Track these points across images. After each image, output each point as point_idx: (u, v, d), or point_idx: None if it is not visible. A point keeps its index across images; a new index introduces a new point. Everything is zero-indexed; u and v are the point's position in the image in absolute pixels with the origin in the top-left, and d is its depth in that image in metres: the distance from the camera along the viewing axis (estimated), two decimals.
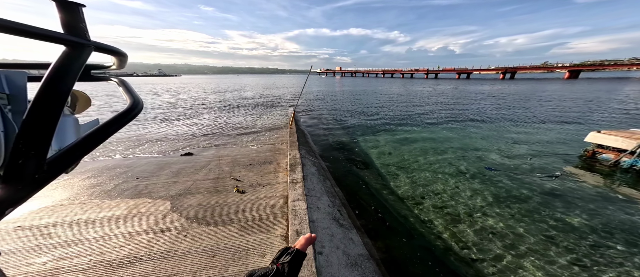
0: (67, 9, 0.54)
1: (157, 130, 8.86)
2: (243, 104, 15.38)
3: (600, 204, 3.62)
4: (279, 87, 36.47)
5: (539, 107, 13.14)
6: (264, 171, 3.90)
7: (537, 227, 3.12)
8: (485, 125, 9.20)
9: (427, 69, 79.96)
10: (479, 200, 3.79)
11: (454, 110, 13.10)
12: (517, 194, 3.95)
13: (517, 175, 4.70)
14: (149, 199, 3.07)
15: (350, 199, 3.77)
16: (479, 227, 3.14)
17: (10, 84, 0.85)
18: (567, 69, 53.58)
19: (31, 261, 1.85)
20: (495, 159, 5.58)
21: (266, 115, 11.44)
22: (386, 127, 9.17)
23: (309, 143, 6.77)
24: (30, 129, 0.45)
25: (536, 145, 6.65)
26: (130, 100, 0.67)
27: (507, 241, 2.89)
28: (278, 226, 2.52)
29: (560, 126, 8.75)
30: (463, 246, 2.83)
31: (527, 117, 10.44)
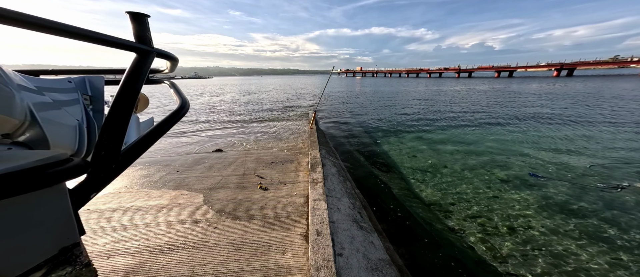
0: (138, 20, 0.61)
1: (195, 127, 9.74)
2: (266, 104, 16.01)
3: None
4: (299, 87, 37.01)
5: (605, 108, 10.99)
6: (285, 169, 4.00)
7: (591, 246, 2.61)
8: (531, 128, 8.06)
9: (458, 67, 71.21)
10: (519, 210, 3.33)
11: (491, 111, 11.74)
12: (569, 206, 3.38)
13: (569, 184, 4.01)
14: (186, 191, 3.39)
15: (371, 202, 3.66)
16: (520, 240, 2.77)
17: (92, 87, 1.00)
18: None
19: (95, 241, 2.19)
20: (544, 165, 4.84)
21: (288, 115, 11.73)
22: (410, 129, 8.66)
23: (329, 143, 6.74)
24: (111, 125, 0.52)
25: (599, 151, 5.59)
26: (179, 101, 0.74)
27: (555, 258, 2.48)
28: (298, 224, 2.56)
29: (628, 130, 7.18)
30: (501, 260, 2.52)
31: (588, 120, 8.85)
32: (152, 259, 1.95)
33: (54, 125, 1.25)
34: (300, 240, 2.33)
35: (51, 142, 1.16)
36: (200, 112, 13.71)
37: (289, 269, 1.95)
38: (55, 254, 1.69)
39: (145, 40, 0.60)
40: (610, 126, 7.46)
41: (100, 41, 0.47)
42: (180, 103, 0.62)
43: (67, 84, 1.55)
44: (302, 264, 2.03)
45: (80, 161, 1.06)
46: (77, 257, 1.83)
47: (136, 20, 0.57)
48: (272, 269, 1.93)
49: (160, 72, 1.05)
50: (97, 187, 0.42)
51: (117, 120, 0.44)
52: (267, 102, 17.17)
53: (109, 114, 0.45)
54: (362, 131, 8.74)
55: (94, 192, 0.43)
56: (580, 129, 7.39)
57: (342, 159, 5.79)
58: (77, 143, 1.25)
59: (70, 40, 0.60)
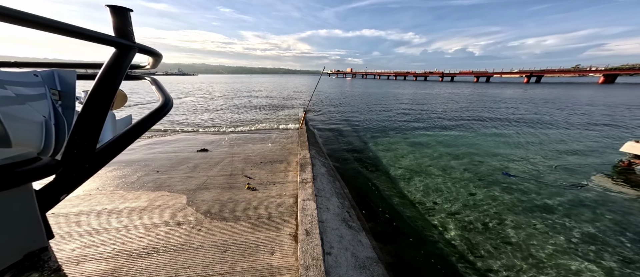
0: (119, 14, 0.57)
1: (178, 126, 9.27)
2: (256, 103, 15.69)
3: (633, 218, 3.27)
4: (290, 87, 36.80)
5: (567, 113, 12.21)
6: (274, 169, 3.94)
7: (557, 239, 2.88)
8: (505, 131, 8.70)
9: (443, 71, 76.22)
10: (495, 207, 3.58)
11: (471, 114, 12.50)
12: (537, 203, 3.69)
13: (537, 183, 4.39)
14: (168, 192, 3.21)
15: (359, 201, 3.72)
16: (495, 236, 2.96)
17: (61, 82, 0.91)
18: (601, 72, 49.12)
19: (62, 247, 1.99)
20: (516, 166, 5.25)
21: (277, 114, 11.59)
22: (398, 130, 8.96)
23: (319, 143, 6.75)
24: (85, 122, 0.47)
25: (562, 152, 6.18)
26: (162, 99, 0.70)
27: (525, 252, 2.70)
28: (287, 224, 2.53)
29: (591, 133, 8.06)
30: (478, 255, 2.68)
31: (553, 124, 9.74)
32: (129, 264, 1.82)
33: (16, 121, 1.12)
34: (289, 240, 2.30)
35: (13, 140, 1.04)
36: (187, 110, 13.10)
37: (277, 269, 1.92)
38: (20, 260, 1.52)
39: (127, 35, 0.57)
40: (570, 129, 8.30)
41: (76, 34, 0.43)
42: (162, 101, 0.58)
43: (33, 77, 1.41)
44: (291, 264, 2.01)
45: (50, 159, 0.96)
46: (45, 263, 1.66)
47: (117, 13, 0.54)
48: (260, 270, 1.88)
49: (142, 68, 0.98)
50: (68, 188, 0.38)
51: (92, 118, 0.41)
52: (256, 101, 16.85)
53: (83, 111, 0.41)
54: (351, 132, 8.88)
55: (64, 194, 0.39)
56: (546, 132, 8.12)
57: (332, 158, 5.83)
58: (44, 141, 1.13)
59: (39, 32, 0.52)
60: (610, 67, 48.42)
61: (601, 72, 49.23)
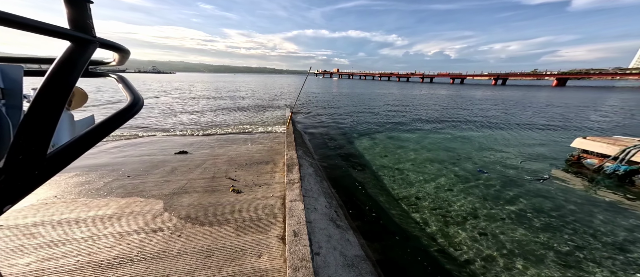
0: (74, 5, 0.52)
1: (153, 127, 8.64)
2: (241, 104, 15.21)
3: (584, 207, 3.75)
4: (277, 87, 36.28)
5: (529, 113, 13.59)
6: (260, 171, 3.85)
7: (525, 228, 3.20)
8: (478, 130, 9.43)
9: (423, 73, 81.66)
10: (470, 202, 3.86)
11: (448, 114, 13.36)
12: (507, 196, 4.05)
13: (507, 177, 4.82)
14: (141, 198, 2.97)
15: (347, 200, 3.77)
16: (470, 228, 3.19)
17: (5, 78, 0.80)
18: (555, 76, 55.70)
19: (13, 261, 1.74)
20: (488, 162, 5.72)
21: (263, 115, 11.35)
22: (383, 130, 9.26)
23: (306, 144, 6.74)
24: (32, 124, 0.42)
25: (526, 148, 6.85)
26: (130, 98, 0.64)
27: (497, 241, 2.94)
28: (275, 226, 2.48)
29: (549, 131, 9.06)
30: (456, 247, 2.86)
31: (517, 123, 10.76)
32: (98, 275, 1.65)
33: None
34: (277, 242, 2.26)
35: None
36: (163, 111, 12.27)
37: (265, 272, 1.87)
38: None
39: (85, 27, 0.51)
40: (533, 128, 9.28)
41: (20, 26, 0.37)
42: (131, 100, 0.52)
43: None
44: (279, 266, 1.97)
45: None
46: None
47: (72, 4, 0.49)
48: (247, 273, 1.82)
49: (106, 64, 0.88)
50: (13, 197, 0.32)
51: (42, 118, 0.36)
52: (241, 101, 16.34)
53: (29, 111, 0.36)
54: (339, 132, 8.98)
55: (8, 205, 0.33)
56: (513, 130, 8.97)
57: (319, 158, 5.84)
58: None
59: None
60: (562, 72, 55.17)
61: (554, 76, 56.06)
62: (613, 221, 3.37)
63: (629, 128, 9.76)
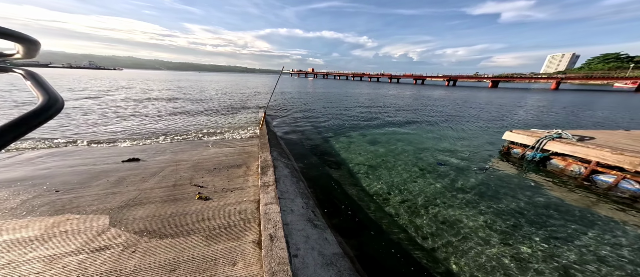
0: None
1: (88, 133, 7.32)
2: (208, 104, 14.01)
3: (515, 190, 4.53)
4: (250, 86, 34.66)
5: (474, 110, 15.92)
6: (232, 175, 3.63)
7: (474, 212, 3.73)
8: (436, 125, 10.61)
9: (391, 74, 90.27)
10: (432, 193, 4.32)
11: (413, 112, 14.71)
12: (459, 185, 4.65)
13: (459, 168, 5.56)
14: (77, 215, 2.50)
15: (324, 200, 3.82)
16: (433, 217, 3.57)
17: None
18: (490, 79, 67.19)
19: None
20: (444, 155, 6.49)
21: (234, 116, 10.70)
22: (356, 128, 9.65)
23: (281, 145, 6.61)
24: None
25: (473, 141, 7.99)
26: (43, 98, 0.51)
27: (455, 227, 3.36)
28: (250, 231, 2.37)
29: (488, 126, 10.73)
30: (423, 236, 3.16)
31: (466, 119, 12.43)
32: None
33: None
34: (252, 248, 2.16)
35: None
36: (103, 114, 10.48)
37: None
38: None
39: None
40: (478, 123, 10.89)
41: None
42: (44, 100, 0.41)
43: None
44: (256, 273, 1.89)
45: None
46: None
47: None
48: None
49: (8, 58, 0.69)
50: None
51: None
52: (210, 102, 15.08)
53: None
54: (314, 131, 9.00)
55: None
56: (464, 126, 10.33)
57: (295, 159, 5.78)
58: None
59: None
60: (494, 76, 67.02)
61: (490, 79, 67.86)
62: (533, 199, 4.18)
63: (543, 121, 12.19)
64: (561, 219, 3.60)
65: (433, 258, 2.82)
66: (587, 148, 4.87)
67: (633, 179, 4.23)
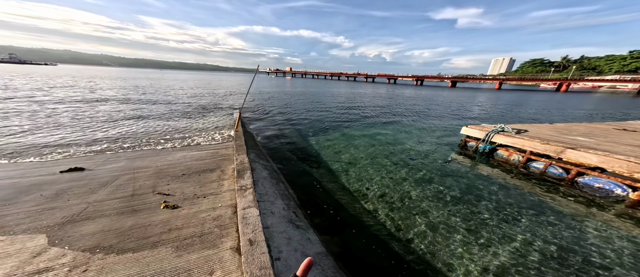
0: None
1: (16, 141, 6.05)
2: (174, 106, 12.68)
3: (471, 178, 5.12)
4: (223, 86, 32.56)
5: (440, 108, 17.61)
6: (204, 180, 3.37)
7: (440, 202, 4.11)
8: (408, 122, 11.45)
9: (366, 73, 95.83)
10: (406, 186, 4.65)
11: (388, 110, 15.64)
12: (428, 177, 5.09)
13: (428, 162, 6.09)
14: (2, 236, 2.04)
15: (305, 200, 3.79)
16: (408, 209, 3.84)
17: None
18: (449, 79, 76.38)
19: None
20: (415, 150, 7.04)
21: (205, 118, 9.93)
22: (336, 127, 9.83)
23: (259, 146, 6.37)
24: None
25: (439, 136, 8.82)
26: None
27: (425, 216, 3.65)
28: (227, 238, 2.24)
29: (451, 122, 11.96)
30: (398, 228, 3.37)
31: (433, 116, 13.60)
32: None
33: None
34: (231, 254, 2.04)
35: None
36: (32, 116, 8.72)
37: None
38: None
39: None
40: (441, 120, 12.06)
41: None
42: None
43: None
44: None
45: None
46: None
47: None
48: None
49: None
50: None
51: None
52: (174, 103, 13.67)
53: None
54: (294, 131, 8.87)
55: None
56: (431, 122, 11.31)
57: (274, 160, 5.63)
58: None
59: None
60: (453, 76, 76.17)
61: (449, 79, 77.17)
62: (487, 185, 4.80)
63: (491, 117, 14.09)
64: (515, 206, 4.19)
65: (409, 249, 3.01)
66: (523, 140, 5.79)
67: (557, 164, 5.17)
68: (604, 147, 4.98)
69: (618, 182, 4.33)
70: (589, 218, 3.74)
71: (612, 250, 3.06)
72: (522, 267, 2.74)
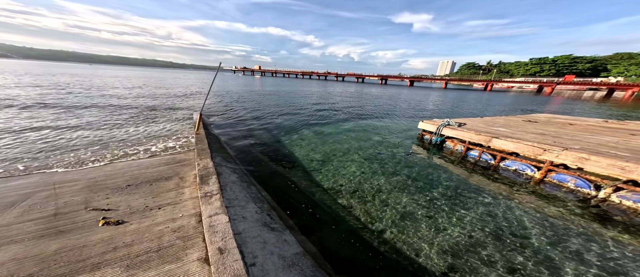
0: None
1: None
2: (110, 108, 10.57)
3: (428, 169, 5.78)
4: (180, 85, 28.84)
5: (404, 105, 19.39)
6: (158, 190, 2.95)
7: (405, 192, 4.52)
8: (375, 119, 12.23)
9: (337, 72, 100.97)
10: (376, 179, 4.96)
11: (358, 108, 16.44)
12: (393, 170, 5.54)
13: (393, 155, 6.61)
14: None
15: (280, 201, 3.68)
16: (378, 201, 4.10)
17: None
18: (408, 79, 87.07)
19: None
20: (383, 145, 7.56)
21: (157, 121, 8.64)
22: (308, 126, 9.83)
23: (226, 149, 5.91)
24: None
25: (401, 130, 9.67)
26: None
27: (393, 207, 3.93)
28: (192, 249, 2.02)
29: (412, 118, 13.29)
30: (372, 221, 3.57)
31: (397, 113, 14.85)
32: None
33: None
34: (198, 266, 1.85)
35: None
36: None
37: None
38: None
39: None
40: (404, 116, 13.26)
41: None
42: None
43: None
44: None
45: None
46: None
47: None
48: None
49: None
50: None
51: None
52: (115, 103, 11.41)
53: None
54: (264, 132, 8.54)
55: None
56: (395, 119, 12.41)
57: (244, 163, 5.29)
58: None
59: None
60: (411, 76, 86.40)
61: (408, 78, 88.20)
62: (440, 174, 5.50)
63: (443, 112, 16.32)
64: (460, 191, 4.88)
65: (383, 239, 3.22)
66: (463, 132, 6.84)
67: (488, 152, 6.27)
68: (517, 135, 6.23)
69: (528, 164, 5.39)
70: (511, 195, 4.60)
71: (529, 220, 3.85)
72: (470, 243, 3.21)
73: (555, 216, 3.85)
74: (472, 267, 2.79)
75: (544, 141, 5.59)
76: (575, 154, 4.61)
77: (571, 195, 4.54)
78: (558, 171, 4.88)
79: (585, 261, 2.93)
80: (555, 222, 3.69)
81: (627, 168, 4.00)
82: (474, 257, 2.93)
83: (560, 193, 4.63)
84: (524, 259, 2.94)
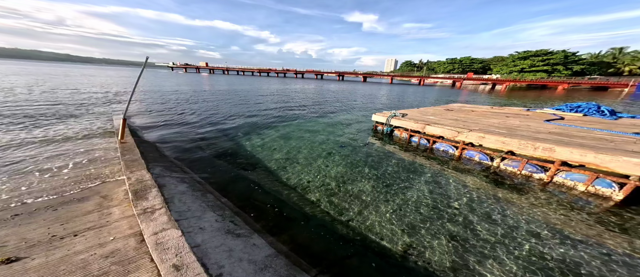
0: None
1: None
2: None
3: (383, 157, 6.47)
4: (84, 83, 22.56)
5: (361, 99, 20.32)
6: (68, 215, 2.33)
7: (366, 180, 4.95)
8: (336, 114, 12.83)
9: (296, 69, 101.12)
10: (340, 171, 5.22)
11: (317, 104, 16.79)
12: (354, 161, 5.95)
13: (352, 147, 7.08)
14: None
15: (244, 205, 3.46)
16: (344, 192, 4.35)
17: None
18: (362, 75, 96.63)
19: None
20: (344, 138, 8.02)
21: (52, 129, 6.58)
22: (268, 125, 9.54)
23: (168, 157, 5.08)
24: None
25: (359, 122, 10.40)
26: None
27: (357, 196, 4.21)
28: (138, 272, 1.72)
29: (368, 111, 14.45)
30: (340, 212, 3.76)
31: (353, 106, 15.91)
32: None
33: None
34: None
35: None
36: None
37: None
38: None
39: None
40: (361, 110, 14.10)
41: None
42: None
43: None
44: None
45: None
46: None
47: None
48: None
49: None
50: None
51: None
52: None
53: None
54: (219, 135, 7.83)
55: None
56: (353, 113, 13.20)
57: (196, 170, 4.77)
58: None
59: None
60: (364, 72, 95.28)
61: (362, 74, 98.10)
62: (392, 161, 6.21)
63: (392, 103, 18.47)
64: (409, 173, 5.62)
65: (351, 228, 3.41)
66: (406, 121, 8.00)
67: (424, 137, 7.49)
68: (441, 122, 7.70)
69: (450, 145, 6.68)
70: (443, 171, 5.52)
71: (454, 190, 4.74)
72: (420, 219, 3.71)
73: (470, 185, 4.89)
74: (424, 239, 3.26)
75: (457, 125, 7.06)
76: (477, 133, 6.00)
77: (478, 167, 5.81)
78: (468, 149, 6.24)
79: (493, 220, 3.78)
80: (470, 191, 4.68)
81: (506, 142, 5.46)
82: (423, 231, 3.43)
83: (471, 166, 5.86)
84: (452, 225, 3.57)
